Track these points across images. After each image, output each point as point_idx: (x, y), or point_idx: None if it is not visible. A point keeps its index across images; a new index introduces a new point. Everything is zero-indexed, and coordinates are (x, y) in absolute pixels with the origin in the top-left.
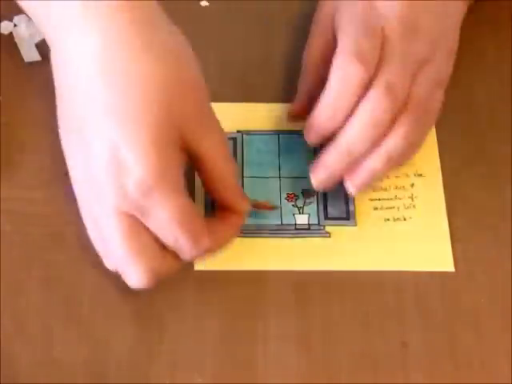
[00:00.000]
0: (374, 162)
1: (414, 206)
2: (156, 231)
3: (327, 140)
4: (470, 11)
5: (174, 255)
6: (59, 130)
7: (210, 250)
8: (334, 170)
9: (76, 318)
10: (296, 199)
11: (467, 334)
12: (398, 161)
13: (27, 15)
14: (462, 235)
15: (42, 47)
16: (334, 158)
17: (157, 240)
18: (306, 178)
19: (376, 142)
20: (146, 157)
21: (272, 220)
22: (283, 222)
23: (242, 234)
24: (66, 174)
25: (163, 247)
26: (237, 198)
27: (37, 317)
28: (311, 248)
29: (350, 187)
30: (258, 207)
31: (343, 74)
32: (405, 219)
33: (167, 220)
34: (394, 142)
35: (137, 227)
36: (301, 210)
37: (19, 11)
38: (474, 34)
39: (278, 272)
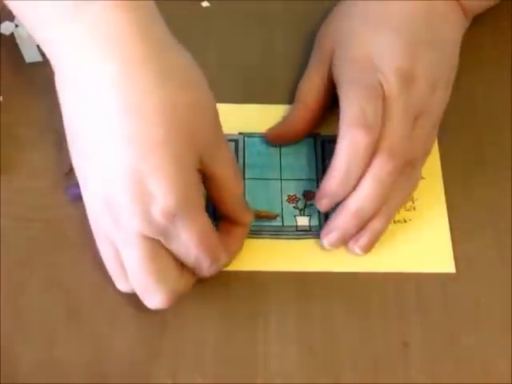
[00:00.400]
0: (377, 222)
1: (414, 209)
2: (177, 252)
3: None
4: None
5: (191, 272)
6: (70, 150)
7: (225, 265)
8: (344, 232)
9: (77, 318)
10: (297, 201)
11: (468, 334)
12: (395, 214)
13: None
14: (462, 236)
15: None
16: (345, 220)
17: (176, 260)
18: (307, 179)
19: (384, 202)
20: (171, 186)
21: (273, 222)
22: (284, 224)
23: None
24: (67, 174)
25: (181, 266)
26: (242, 211)
27: (38, 317)
28: (312, 249)
29: (357, 250)
30: (259, 217)
31: (350, 143)
32: (405, 221)
33: (190, 241)
34: (395, 202)
35: (158, 251)
36: (302, 212)
37: None
38: (474, 34)
39: (279, 273)
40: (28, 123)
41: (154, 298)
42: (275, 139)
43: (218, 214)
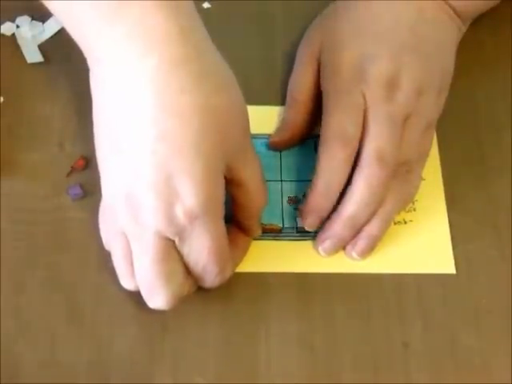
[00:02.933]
0: (373, 227)
1: (414, 210)
2: (187, 257)
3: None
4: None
5: (194, 280)
6: (96, 144)
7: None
8: (339, 239)
9: (78, 318)
10: (297, 202)
11: (468, 334)
12: (394, 218)
13: (32, 16)
14: (462, 237)
15: (45, 48)
16: (339, 227)
17: (184, 266)
18: (308, 181)
19: (378, 206)
20: (198, 186)
21: (274, 223)
22: (285, 225)
23: None
24: (68, 175)
25: (188, 273)
26: (257, 224)
27: (39, 317)
28: (312, 251)
29: (354, 255)
30: (264, 230)
31: (329, 156)
32: (405, 222)
33: (203, 247)
34: (391, 206)
35: (171, 252)
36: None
37: (22, 12)
38: (474, 34)
39: (280, 274)
40: (29, 124)
41: (157, 299)
42: (278, 145)
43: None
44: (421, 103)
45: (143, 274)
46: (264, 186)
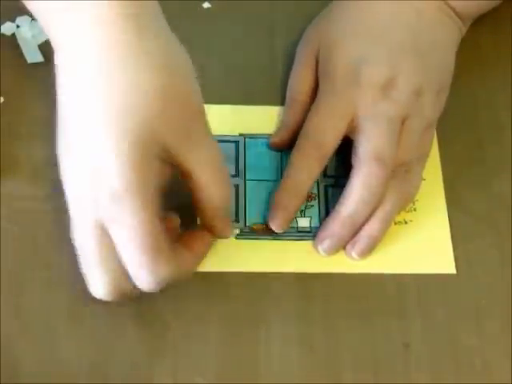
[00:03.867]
0: (373, 227)
1: (414, 210)
2: (117, 245)
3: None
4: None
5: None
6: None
7: (170, 280)
8: (338, 238)
9: (78, 318)
10: None
11: (468, 335)
12: (394, 218)
13: (32, 16)
14: (462, 237)
15: (45, 48)
16: (338, 227)
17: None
18: None
19: (377, 205)
20: (124, 166)
21: None
22: None
23: (244, 237)
24: None
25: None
26: (221, 224)
27: (39, 317)
28: (313, 250)
29: (354, 255)
30: (264, 231)
31: (300, 155)
32: (406, 222)
33: (128, 236)
34: (390, 205)
35: (104, 238)
36: (302, 213)
37: (22, 12)
38: (474, 34)
39: (280, 274)
40: (29, 124)
41: (95, 287)
42: (279, 146)
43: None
44: (420, 103)
45: (83, 261)
46: (223, 181)
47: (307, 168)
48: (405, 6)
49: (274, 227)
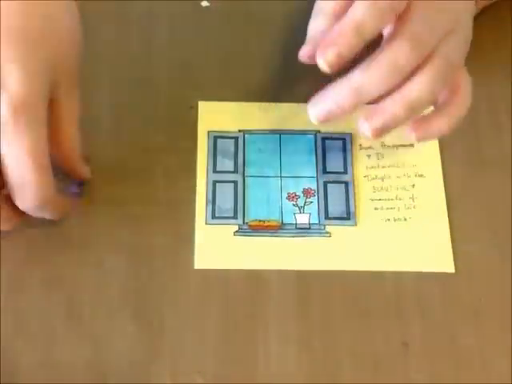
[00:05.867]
0: (394, 105)
1: (414, 207)
2: (4, 159)
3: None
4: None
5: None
6: None
7: (48, 206)
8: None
9: (77, 317)
10: (297, 199)
11: (467, 334)
12: (418, 108)
13: None
14: (462, 236)
15: None
16: (341, 92)
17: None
18: (307, 177)
19: (390, 90)
20: (27, 76)
21: (272, 220)
22: (284, 222)
23: (242, 233)
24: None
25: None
26: (78, 163)
27: (38, 317)
28: (312, 248)
29: (367, 130)
30: (263, 228)
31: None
32: (405, 220)
33: (22, 148)
34: (416, 87)
35: None
36: (301, 210)
37: None
38: (474, 33)
39: (279, 271)
40: None
41: None
42: (311, 56)
43: None
44: (458, 30)
45: None
46: (76, 129)
47: (375, 10)
48: None
49: (322, 62)
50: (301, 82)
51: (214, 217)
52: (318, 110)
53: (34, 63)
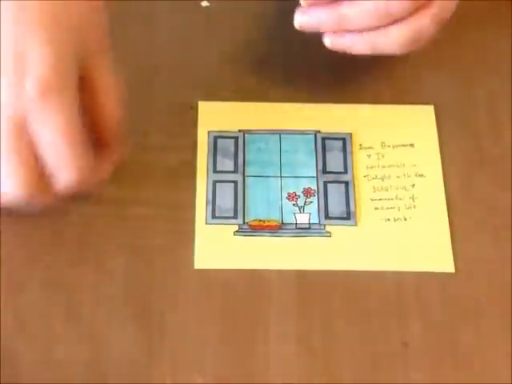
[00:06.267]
0: (360, 41)
1: (414, 207)
2: (40, 137)
3: None
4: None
5: (49, 183)
6: None
7: (85, 181)
8: (319, 23)
9: (77, 318)
10: (297, 198)
11: (467, 334)
12: (377, 53)
13: None
14: (462, 236)
15: None
16: (328, 16)
17: (35, 150)
18: (307, 177)
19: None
20: (53, 58)
21: (272, 220)
22: (284, 222)
23: (242, 233)
24: None
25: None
26: (114, 140)
27: (38, 317)
28: (312, 247)
29: (328, 39)
30: (263, 227)
31: None
32: (405, 219)
33: (56, 126)
34: (388, 41)
35: (21, 131)
36: (301, 210)
37: None
38: (474, 33)
39: (279, 271)
40: None
41: (9, 182)
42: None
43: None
44: None
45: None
46: (116, 95)
47: None
48: None
49: None
50: (301, 81)
51: (214, 217)
52: (302, 20)
53: (59, 44)
